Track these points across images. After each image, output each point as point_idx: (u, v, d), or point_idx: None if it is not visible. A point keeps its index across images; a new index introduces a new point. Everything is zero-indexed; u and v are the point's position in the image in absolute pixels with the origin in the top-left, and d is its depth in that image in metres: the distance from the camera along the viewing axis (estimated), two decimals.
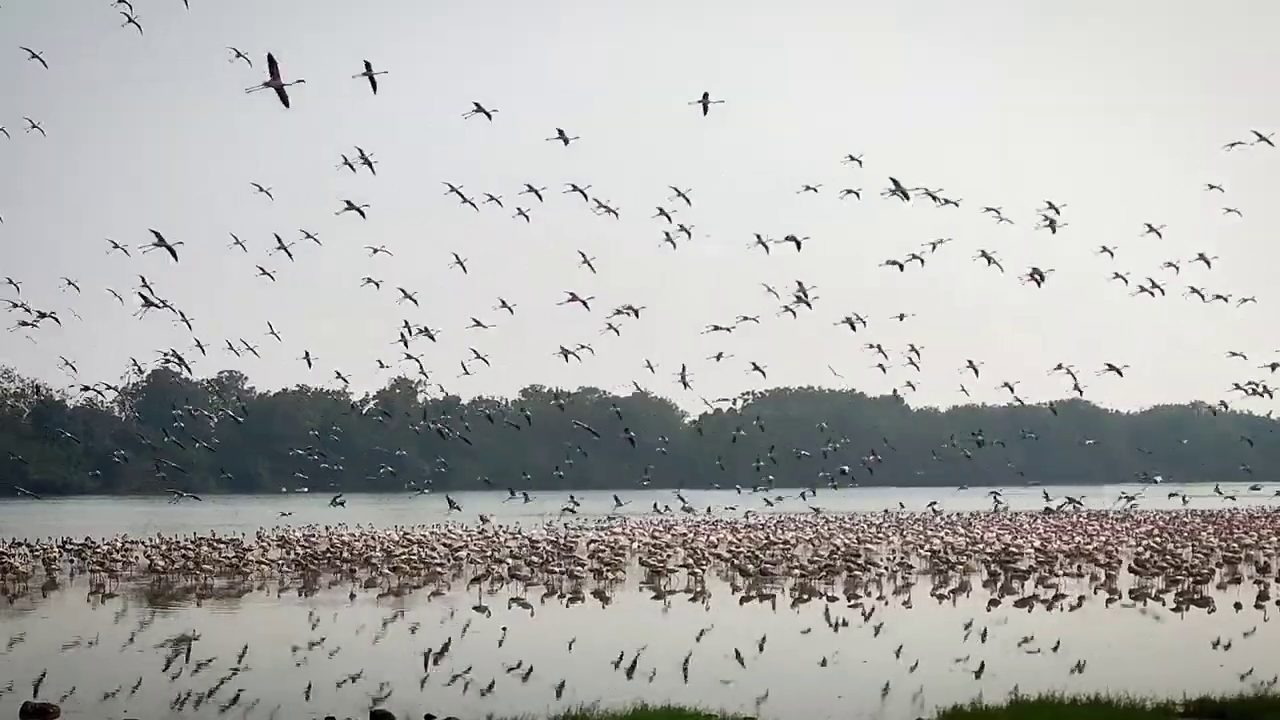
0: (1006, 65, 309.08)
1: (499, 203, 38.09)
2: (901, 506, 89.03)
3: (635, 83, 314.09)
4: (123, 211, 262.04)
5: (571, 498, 61.74)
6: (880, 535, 64.59)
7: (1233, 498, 65.30)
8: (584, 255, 38.95)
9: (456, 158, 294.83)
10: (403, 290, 42.79)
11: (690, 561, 47.15)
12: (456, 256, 39.94)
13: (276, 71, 29.07)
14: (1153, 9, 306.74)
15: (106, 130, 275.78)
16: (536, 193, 36.90)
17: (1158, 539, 56.97)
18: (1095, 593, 40.11)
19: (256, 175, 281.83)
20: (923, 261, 40.08)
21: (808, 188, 41.54)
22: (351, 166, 36.75)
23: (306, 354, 47.52)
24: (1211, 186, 37.49)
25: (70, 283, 40.26)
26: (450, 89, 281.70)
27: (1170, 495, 64.99)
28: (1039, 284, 39.70)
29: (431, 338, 44.32)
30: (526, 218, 37.43)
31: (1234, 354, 46.47)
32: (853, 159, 38.28)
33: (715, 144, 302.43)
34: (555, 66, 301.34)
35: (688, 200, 38.63)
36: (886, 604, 38.11)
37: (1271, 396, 46.17)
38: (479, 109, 35.00)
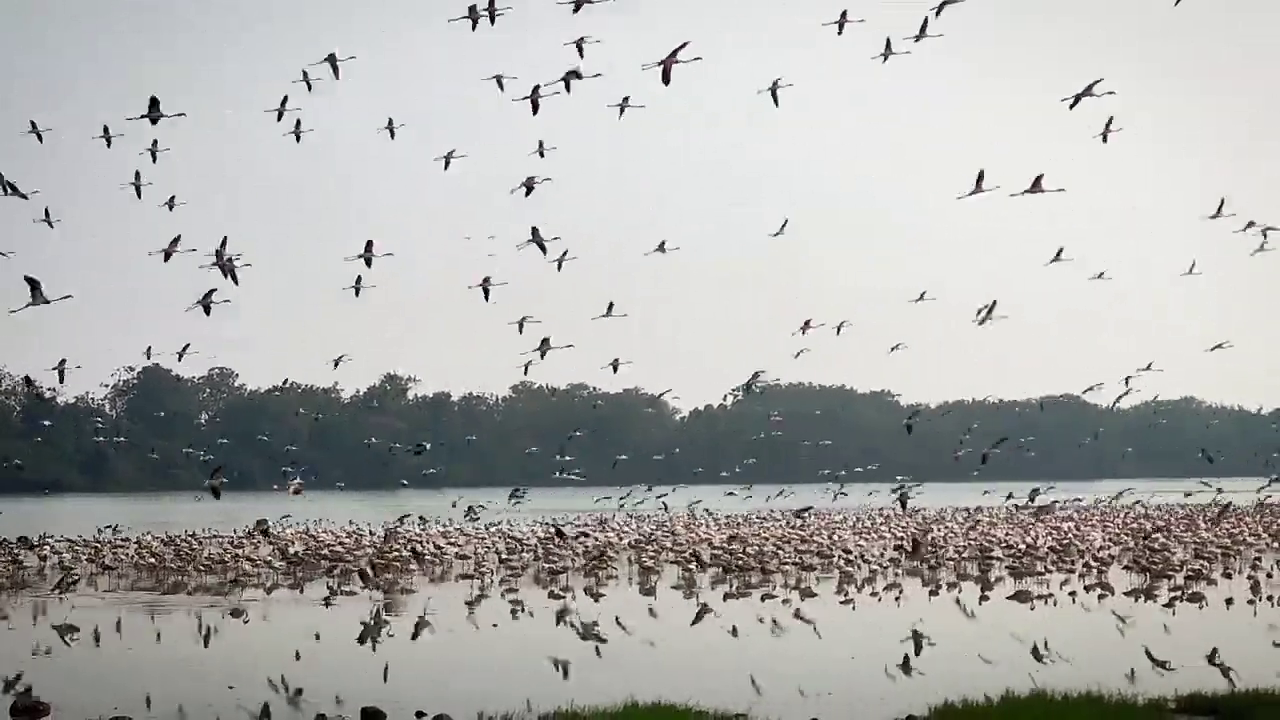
0: (1004, 64, 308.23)
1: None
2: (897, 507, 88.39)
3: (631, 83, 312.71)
4: (118, 210, 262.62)
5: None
6: (873, 531, 64.38)
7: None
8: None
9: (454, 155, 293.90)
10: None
11: (681, 559, 47.11)
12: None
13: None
14: (1153, 9, 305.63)
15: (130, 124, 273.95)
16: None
17: (1151, 535, 56.89)
18: (1086, 589, 40.07)
19: (255, 173, 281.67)
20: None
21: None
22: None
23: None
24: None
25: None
26: (450, 89, 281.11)
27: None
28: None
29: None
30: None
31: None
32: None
33: (702, 145, 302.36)
34: (554, 66, 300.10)
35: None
36: (879, 600, 38.07)
37: None
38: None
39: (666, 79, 28.90)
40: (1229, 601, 35.82)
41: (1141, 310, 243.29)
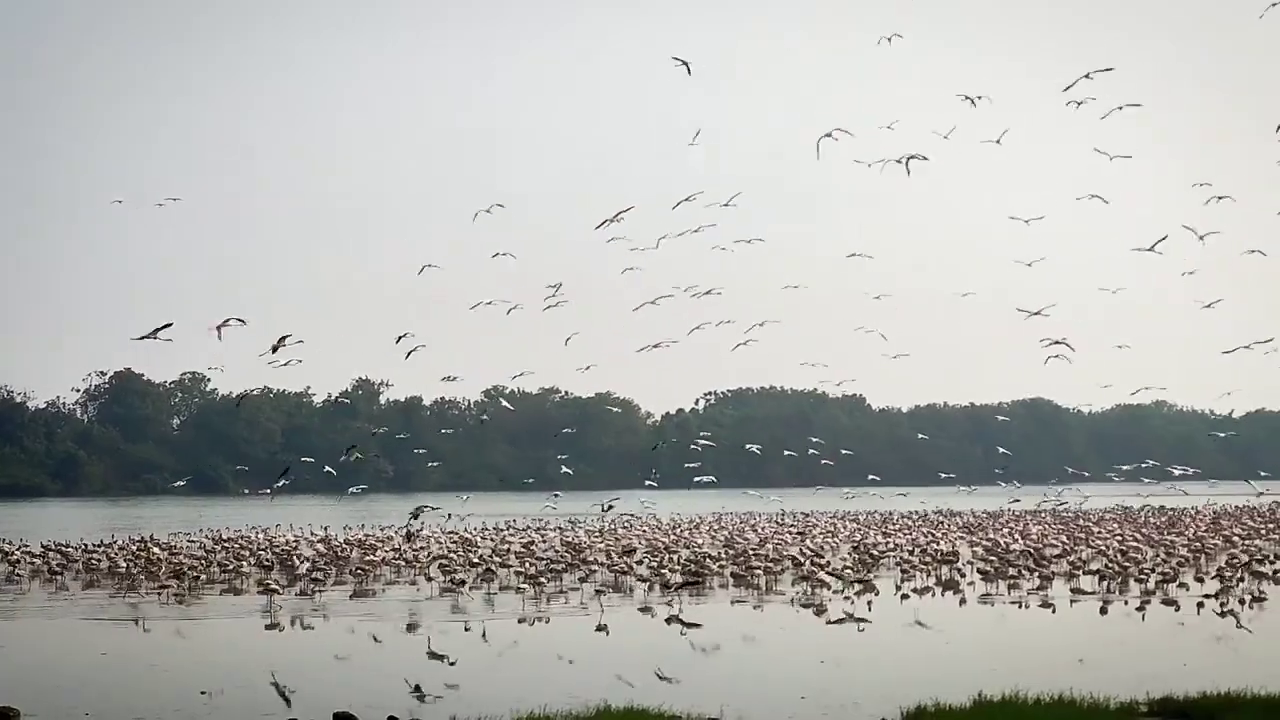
0: (1006, 63, 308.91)
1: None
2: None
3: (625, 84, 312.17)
4: (103, 211, 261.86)
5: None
6: (841, 537, 64.43)
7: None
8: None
9: (444, 161, 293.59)
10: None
11: (655, 564, 47.02)
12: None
13: None
14: (1153, 9, 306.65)
15: (110, 131, 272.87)
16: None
17: (1121, 539, 57.09)
18: (1036, 587, 40.17)
19: (252, 172, 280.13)
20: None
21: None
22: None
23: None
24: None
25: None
26: (447, 91, 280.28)
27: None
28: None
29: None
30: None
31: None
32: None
33: (706, 144, 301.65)
34: (553, 69, 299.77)
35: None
36: (853, 604, 38.09)
37: None
38: None
39: None
40: (1199, 605, 35.98)
41: (1132, 317, 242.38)
